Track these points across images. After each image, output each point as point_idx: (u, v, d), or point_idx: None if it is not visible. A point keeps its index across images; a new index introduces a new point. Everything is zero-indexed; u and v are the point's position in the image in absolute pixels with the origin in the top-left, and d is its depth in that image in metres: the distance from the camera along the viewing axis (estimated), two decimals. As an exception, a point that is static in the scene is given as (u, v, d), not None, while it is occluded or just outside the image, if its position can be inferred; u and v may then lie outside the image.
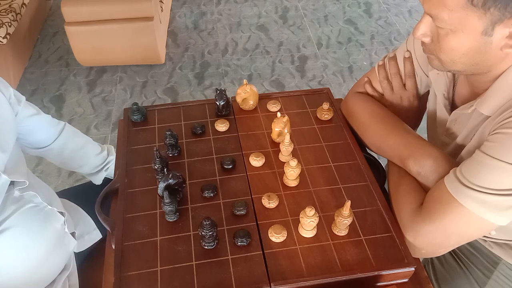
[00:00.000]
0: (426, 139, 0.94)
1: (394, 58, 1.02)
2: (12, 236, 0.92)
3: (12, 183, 0.95)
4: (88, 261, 1.20)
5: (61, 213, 1.05)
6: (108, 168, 1.32)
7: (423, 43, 0.81)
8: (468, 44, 0.72)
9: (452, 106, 0.93)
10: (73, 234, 1.10)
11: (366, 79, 1.08)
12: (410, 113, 1.04)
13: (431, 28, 0.76)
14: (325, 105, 1.08)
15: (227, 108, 1.10)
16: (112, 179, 1.12)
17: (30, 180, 0.98)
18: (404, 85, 1.01)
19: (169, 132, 0.98)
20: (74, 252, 1.13)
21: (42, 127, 1.16)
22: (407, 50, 0.99)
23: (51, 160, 1.26)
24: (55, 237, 1.02)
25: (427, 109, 1.05)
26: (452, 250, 1.02)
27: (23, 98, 1.10)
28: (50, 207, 1.01)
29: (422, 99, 1.06)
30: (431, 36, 0.77)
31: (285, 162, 0.94)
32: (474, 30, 0.70)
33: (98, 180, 1.32)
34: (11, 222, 0.92)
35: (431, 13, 0.72)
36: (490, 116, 0.78)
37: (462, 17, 0.69)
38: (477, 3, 0.66)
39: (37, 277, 0.99)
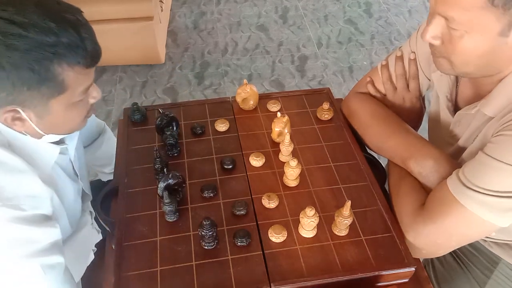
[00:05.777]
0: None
1: (401, 58, 1.00)
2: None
3: None
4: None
5: (90, 212, 1.07)
6: None
7: (431, 46, 0.78)
8: (484, 45, 0.70)
9: (455, 108, 0.93)
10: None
11: (368, 79, 1.07)
12: (412, 114, 1.03)
13: (442, 30, 0.73)
14: (325, 105, 1.08)
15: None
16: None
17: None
18: (408, 86, 1.01)
19: (169, 132, 0.98)
20: None
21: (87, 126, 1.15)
22: (412, 52, 0.99)
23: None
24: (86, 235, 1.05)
25: (428, 111, 1.05)
26: (452, 250, 1.02)
27: None
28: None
29: (422, 100, 1.06)
30: (442, 38, 0.74)
31: (285, 162, 0.93)
32: (491, 30, 0.68)
33: (106, 177, 1.32)
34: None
35: (445, 15, 0.70)
36: (493, 117, 0.78)
37: (479, 18, 0.67)
38: (497, 3, 0.64)
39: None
